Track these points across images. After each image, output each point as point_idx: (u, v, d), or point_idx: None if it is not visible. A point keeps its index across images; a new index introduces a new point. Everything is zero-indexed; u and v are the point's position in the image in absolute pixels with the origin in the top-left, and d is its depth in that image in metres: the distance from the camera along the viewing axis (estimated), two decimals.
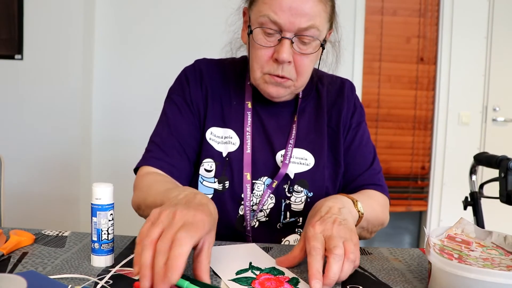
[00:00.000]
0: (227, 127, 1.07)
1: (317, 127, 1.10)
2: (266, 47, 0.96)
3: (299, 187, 1.05)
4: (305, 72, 0.99)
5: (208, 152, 1.05)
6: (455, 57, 3.20)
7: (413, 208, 3.34)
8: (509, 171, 1.33)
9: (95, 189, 0.81)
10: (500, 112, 3.28)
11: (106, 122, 2.86)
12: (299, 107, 1.11)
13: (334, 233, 0.77)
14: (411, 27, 3.23)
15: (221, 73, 1.12)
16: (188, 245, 0.63)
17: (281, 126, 1.09)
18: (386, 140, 3.28)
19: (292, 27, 0.92)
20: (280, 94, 1.01)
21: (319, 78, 1.15)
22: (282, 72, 0.96)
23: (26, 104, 2.62)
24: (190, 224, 0.67)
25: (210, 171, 1.04)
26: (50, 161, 2.64)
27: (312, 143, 1.08)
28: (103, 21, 2.82)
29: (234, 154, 1.05)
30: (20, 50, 2.60)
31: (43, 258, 0.84)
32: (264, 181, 1.05)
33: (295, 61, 0.97)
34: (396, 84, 3.26)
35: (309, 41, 0.95)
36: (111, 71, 2.85)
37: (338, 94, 1.14)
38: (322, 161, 1.07)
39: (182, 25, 2.86)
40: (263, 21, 0.94)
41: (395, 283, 0.80)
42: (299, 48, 0.96)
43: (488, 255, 0.78)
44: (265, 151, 1.07)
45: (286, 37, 0.93)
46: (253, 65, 1.00)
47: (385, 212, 1.09)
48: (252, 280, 0.76)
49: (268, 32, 0.95)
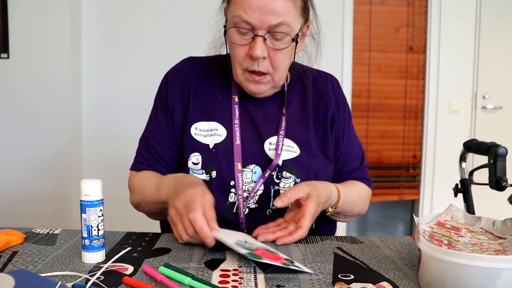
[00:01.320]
0: (212, 120, 1.11)
1: (302, 119, 1.14)
2: (242, 45, 1.02)
3: (287, 173, 1.08)
4: (281, 67, 1.04)
5: (194, 147, 1.09)
6: (444, 46, 3.21)
7: (406, 197, 3.36)
8: (498, 157, 1.34)
9: (83, 185, 0.81)
10: (489, 100, 3.30)
11: (96, 118, 2.84)
12: (286, 99, 1.15)
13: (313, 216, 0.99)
14: (399, 16, 3.23)
15: (205, 69, 1.17)
16: (200, 216, 0.84)
17: (268, 116, 1.13)
18: (377, 130, 3.29)
19: (263, 25, 0.98)
20: (261, 91, 1.07)
21: (305, 72, 1.21)
22: (258, 67, 1.02)
23: (14, 103, 2.59)
24: (189, 202, 0.87)
25: (197, 164, 1.08)
26: (41, 159, 2.62)
27: (297, 134, 1.13)
28: (90, 17, 2.79)
29: (220, 145, 1.09)
30: (6, 49, 2.57)
31: (33, 257, 0.83)
32: (252, 168, 1.08)
33: (270, 57, 1.02)
34: (386, 73, 3.26)
35: (281, 37, 1.00)
36: (99, 67, 2.83)
37: (324, 90, 1.19)
38: (307, 152, 1.12)
39: (170, 22, 2.84)
40: (236, 21, 1.00)
41: (386, 270, 0.81)
42: (272, 44, 1.01)
43: (477, 240, 0.79)
44: (253, 140, 1.10)
45: (259, 35, 0.99)
46: (234, 63, 1.06)
47: (365, 202, 1.23)
48: (253, 248, 0.84)
49: (242, 31, 1.01)
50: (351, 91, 3.16)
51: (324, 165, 1.14)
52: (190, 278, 0.72)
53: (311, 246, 0.94)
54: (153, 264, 0.81)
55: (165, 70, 1.21)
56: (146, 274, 0.76)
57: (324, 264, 0.83)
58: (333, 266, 0.82)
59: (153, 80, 1.25)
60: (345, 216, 1.17)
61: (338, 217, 1.17)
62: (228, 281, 0.74)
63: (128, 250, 0.88)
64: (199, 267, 0.80)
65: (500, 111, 3.33)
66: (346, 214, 1.16)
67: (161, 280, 0.72)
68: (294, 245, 0.95)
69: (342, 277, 0.77)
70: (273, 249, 0.88)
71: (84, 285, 0.69)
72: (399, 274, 0.79)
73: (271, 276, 0.77)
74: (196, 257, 0.85)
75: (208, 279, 0.75)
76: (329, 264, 0.83)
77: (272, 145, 1.10)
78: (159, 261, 0.83)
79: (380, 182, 3.30)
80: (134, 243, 0.93)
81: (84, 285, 0.69)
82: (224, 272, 0.78)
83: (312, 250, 0.92)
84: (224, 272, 0.78)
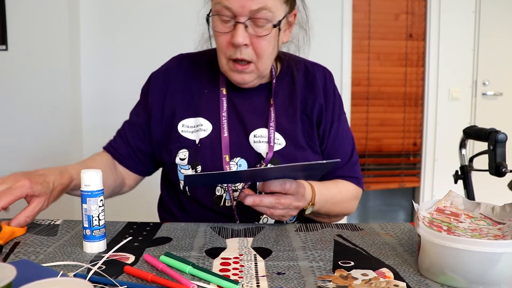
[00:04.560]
0: (198, 115, 1.12)
1: (289, 111, 1.13)
2: (224, 33, 1.01)
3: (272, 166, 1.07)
4: (264, 54, 1.03)
5: (181, 143, 1.10)
6: (444, 33, 3.19)
7: (406, 185, 3.37)
8: (498, 143, 1.34)
9: (83, 175, 0.81)
10: (489, 86, 3.30)
11: (96, 110, 2.84)
12: (274, 90, 1.13)
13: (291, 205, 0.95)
14: (399, 3, 3.21)
15: (192, 66, 1.18)
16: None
17: (254, 108, 1.12)
18: (377, 117, 3.29)
19: (244, 11, 0.97)
20: (245, 80, 1.06)
21: (296, 63, 1.18)
22: (241, 55, 1.01)
23: (13, 95, 2.59)
24: (12, 188, 0.89)
25: (184, 159, 1.09)
26: (41, 151, 2.62)
27: (284, 125, 1.11)
28: (89, 9, 2.77)
29: (205, 140, 1.09)
30: (4, 41, 2.56)
31: (35, 247, 0.84)
32: (237, 161, 1.08)
33: (253, 44, 1.01)
34: (386, 61, 3.25)
35: (263, 23, 0.99)
36: (98, 58, 2.82)
37: (315, 82, 1.15)
38: (293, 144, 1.10)
39: (169, 15, 2.82)
40: (218, 9, 0.99)
41: (386, 257, 0.81)
42: (254, 31, 1.00)
43: (476, 226, 0.79)
44: (237, 133, 1.10)
45: (240, 22, 0.98)
46: (218, 53, 1.06)
47: (351, 201, 1.18)
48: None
49: (224, 19, 1.00)
50: (351, 79, 3.15)
51: (312, 157, 1.12)
52: (191, 266, 0.72)
53: (311, 233, 0.95)
54: (154, 253, 0.82)
55: (163, 62, 1.21)
56: (147, 263, 0.76)
57: (325, 251, 0.84)
58: (334, 253, 0.83)
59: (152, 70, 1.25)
60: (329, 216, 1.13)
61: (321, 218, 1.13)
62: (229, 269, 0.75)
63: (129, 239, 0.88)
64: (200, 255, 0.81)
65: (500, 98, 3.32)
66: (329, 214, 1.12)
67: (162, 269, 0.73)
68: (295, 232, 0.95)
69: (343, 264, 0.77)
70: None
71: (85, 274, 0.70)
72: (399, 260, 0.79)
73: (271, 264, 0.77)
74: (197, 246, 0.86)
75: (209, 267, 0.75)
76: (329, 251, 0.84)
77: (257, 137, 1.09)
78: (160, 250, 0.83)
79: (380, 170, 3.30)
80: (135, 233, 0.93)
81: (86, 275, 0.70)
82: (224, 260, 0.79)
83: (312, 237, 0.92)
84: (224, 260, 0.79)
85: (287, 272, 0.74)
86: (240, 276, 0.72)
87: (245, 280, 0.71)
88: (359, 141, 3.22)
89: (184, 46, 1.21)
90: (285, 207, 0.94)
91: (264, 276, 0.72)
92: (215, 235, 0.93)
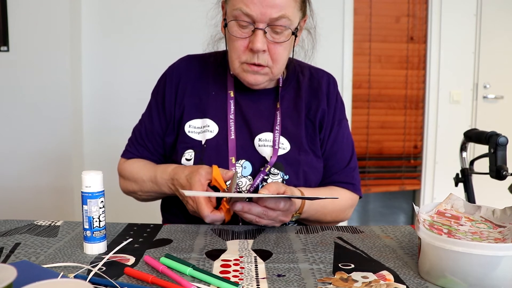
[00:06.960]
0: (205, 117, 1.12)
1: (294, 115, 1.14)
2: (242, 38, 1.02)
3: (276, 170, 1.08)
4: (280, 59, 1.05)
5: (188, 144, 1.11)
6: (445, 35, 3.19)
7: (407, 187, 3.36)
8: (498, 146, 1.34)
9: (84, 177, 0.81)
10: (490, 89, 3.29)
11: (97, 110, 2.83)
12: (280, 95, 1.15)
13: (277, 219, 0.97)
14: (400, 6, 3.21)
15: (201, 67, 1.18)
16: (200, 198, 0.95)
17: (261, 111, 1.13)
18: (378, 120, 3.29)
19: (264, 18, 0.98)
20: (258, 81, 1.07)
21: (301, 69, 1.20)
22: (258, 60, 1.03)
23: (14, 96, 2.59)
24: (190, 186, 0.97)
25: (190, 160, 1.09)
26: (42, 152, 2.62)
27: (288, 130, 1.12)
28: (90, 9, 2.77)
29: (211, 141, 1.09)
30: (6, 42, 2.56)
31: (36, 248, 0.84)
32: (242, 164, 1.09)
33: (270, 50, 1.03)
34: (387, 64, 3.25)
35: (281, 30, 1.01)
36: (99, 59, 2.82)
37: (319, 88, 1.17)
38: (298, 148, 1.11)
39: (172, 15, 2.83)
40: (237, 14, 1.00)
41: (386, 259, 0.81)
42: (272, 37, 1.02)
43: (477, 229, 0.79)
44: (243, 135, 1.11)
45: (259, 28, 1.00)
46: (231, 56, 1.06)
47: (344, 210, 1.17)
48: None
49: (242, 25, 1.01)
50: (352, 82, 3.15)
51: (315, 160, 1.13)
52: (191, 268, 0.72)
53: (311, 236, 0.95)
54: (154, 255, 0.82)
55: (164, 62, 1.21)
56: (147, 264, 0.77)
57: (325, 253, 0.84)
58: (334, 255, 0.83)
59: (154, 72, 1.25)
60: (320, 223, 1.12)
61: (312, 223, 1.12)
62: (229, 271, 0.75)
63: (130, 241, 0.88)
64: (200, 257, 0.81)
65: (501, 101, 3.32)
66: (320, 221, 1.12)
67: (162, 270, 0.73)
68: (295, 234, 0.95)
69: (343, 266, 0.77)
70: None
71: (86, 276, 0.70)
72: (399, 263, 0.79)
73: (272, 266, 0.77)
74: (197, 248, 0.86)
75: (209, 269, 0.75)
76: (329, 254, 0.84)
77: (262, 141, 1.10)
78: (160, 252, 0.83)
79: (381, 173, 3.30)
80: (136, 234, 0.93)
81: (86, 276, 0.70)
82: (225, 262, 0.79)
83: (312, 239, 0.92)
84: (225, 262, 0.79)
85: (287, 274, 0.74)
86: (240, 278, 0.72)
87: (246, 282, 0.71)
88: (359, 144, 3.22)
89: (185, 46, 1.22)
90: (271, 219, 0.96)
91: (264, 278, 0.72)
92: (216, 237, 0.93)
